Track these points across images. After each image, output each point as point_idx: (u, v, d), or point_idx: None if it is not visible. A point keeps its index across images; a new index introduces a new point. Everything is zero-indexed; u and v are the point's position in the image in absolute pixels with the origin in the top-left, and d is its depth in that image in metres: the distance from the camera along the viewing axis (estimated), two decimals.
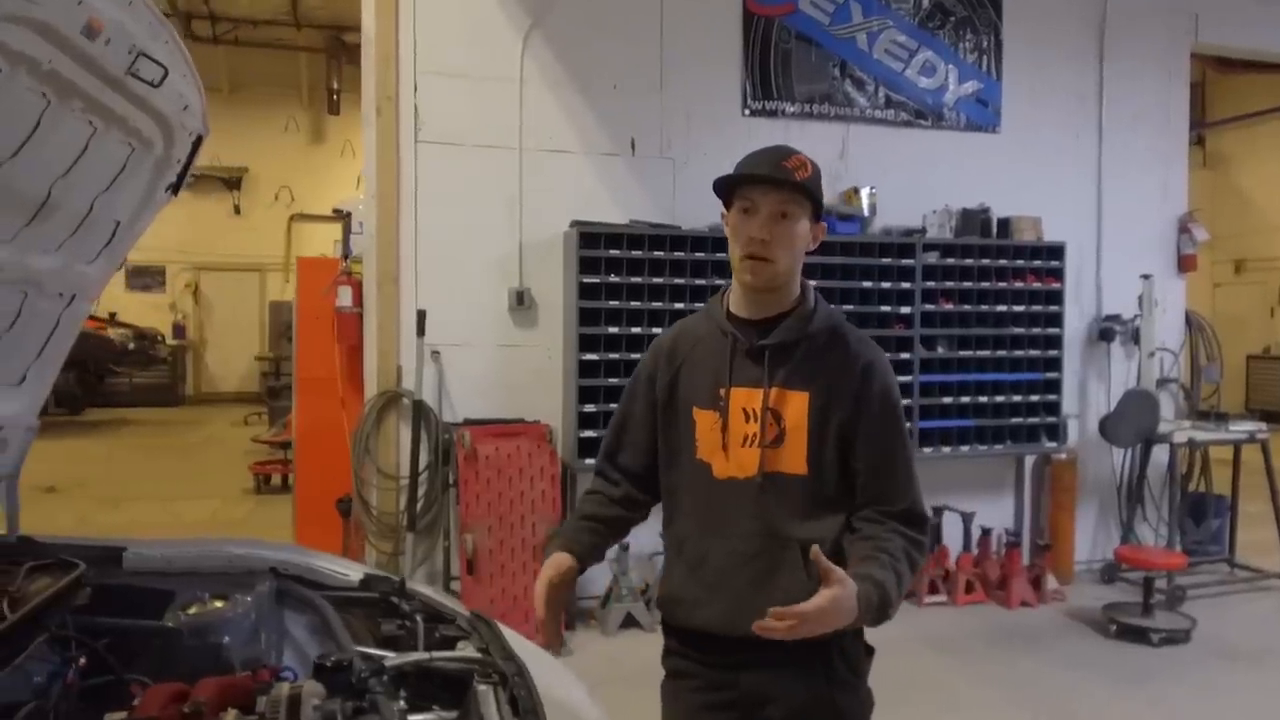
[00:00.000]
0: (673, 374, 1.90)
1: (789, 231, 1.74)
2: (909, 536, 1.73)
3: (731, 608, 1.77)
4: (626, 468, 1.98)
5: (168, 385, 15.28)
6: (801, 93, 5.47)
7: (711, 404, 1.82)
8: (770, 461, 1.77)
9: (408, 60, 4.85)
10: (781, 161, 1.74)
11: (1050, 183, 5.97)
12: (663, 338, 1.99)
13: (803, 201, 1.75)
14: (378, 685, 1.87)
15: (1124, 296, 6.06)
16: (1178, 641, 4.86)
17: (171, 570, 2.49)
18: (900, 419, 1.81)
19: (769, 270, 1.75)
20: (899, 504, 1.75)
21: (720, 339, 1.85)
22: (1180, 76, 6.31)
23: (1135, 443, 5.90)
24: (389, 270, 4.87)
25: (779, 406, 1.78)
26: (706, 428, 1.82)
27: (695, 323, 1.96)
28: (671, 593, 1.90)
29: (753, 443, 1.78)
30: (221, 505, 7.96)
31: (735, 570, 1.79)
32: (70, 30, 1.53)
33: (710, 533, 1.82)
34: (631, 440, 1.97)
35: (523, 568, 4.79)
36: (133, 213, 2.32)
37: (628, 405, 1.99)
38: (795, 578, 1.73)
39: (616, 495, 1.98)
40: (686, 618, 1.86)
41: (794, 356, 1.79)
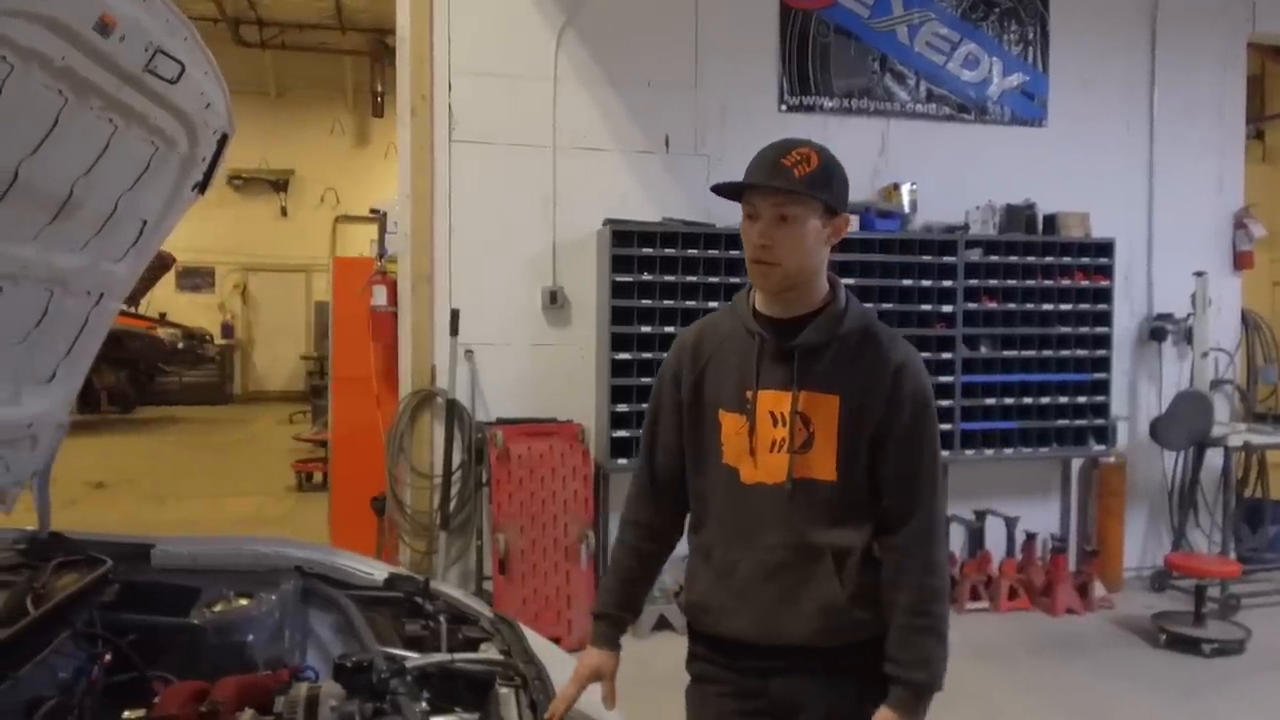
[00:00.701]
0: (698, 373, 1.83)
1: (793, 234, 1.66)
2: (933, 565, 1.71)
3: (761, 617, 1.75)
4: (664, 479, 1.92)
5: (216, 384, 15.58)
6: (840, 87, 5.38)
7: (737, 406, 1.76)
8: (800, 467, 1.72)
9: (442, 60, 4.86)
10: (780, 160, 1.65)
11: (1099, 177, 5.80)
12: (686, 334, 1.92)
13: (803, 200, 1.65)
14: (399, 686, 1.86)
15: (1176, 295, 5.87)
16: (1231, 653, 4.69)
17: (198, 568, 2.51)
18: (932, 423, 1.75)
19: (776, 273, 1.69)
20: (920, 518, 1.71)
21: (746, 339, 1.79)
22: (1236, 67, 6.08)
23: (1187, 446, 5.71)
24: (423, 270, 4.88)
25: (808, 410, 1.71)
26: (732, 431, 1.76)
27: (720, 319, 1.89)
28: (699, 600, 1.85)
29: (781, 448, 1.72)
30: (264, 502, 8.08)
31: (765, 580, 1.74)
32: (82, 26, 1.53)
33: (739, 540, 1.78)
34: (663, 442, 1.91)
35: (554, 568, 4.77)
36: (159, 211, 2.33)
37: (655, 408, 1.94)
38: (827, 588, 1.71)
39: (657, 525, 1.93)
40: (714, 625, 1.82)
41: (824, 358, 1.73)
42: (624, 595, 1.94)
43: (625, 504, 1.97)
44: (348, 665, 1.85)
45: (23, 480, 2.41)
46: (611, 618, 1.93)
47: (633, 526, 1.95)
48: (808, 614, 1.72)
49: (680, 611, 4.87)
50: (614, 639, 1.92)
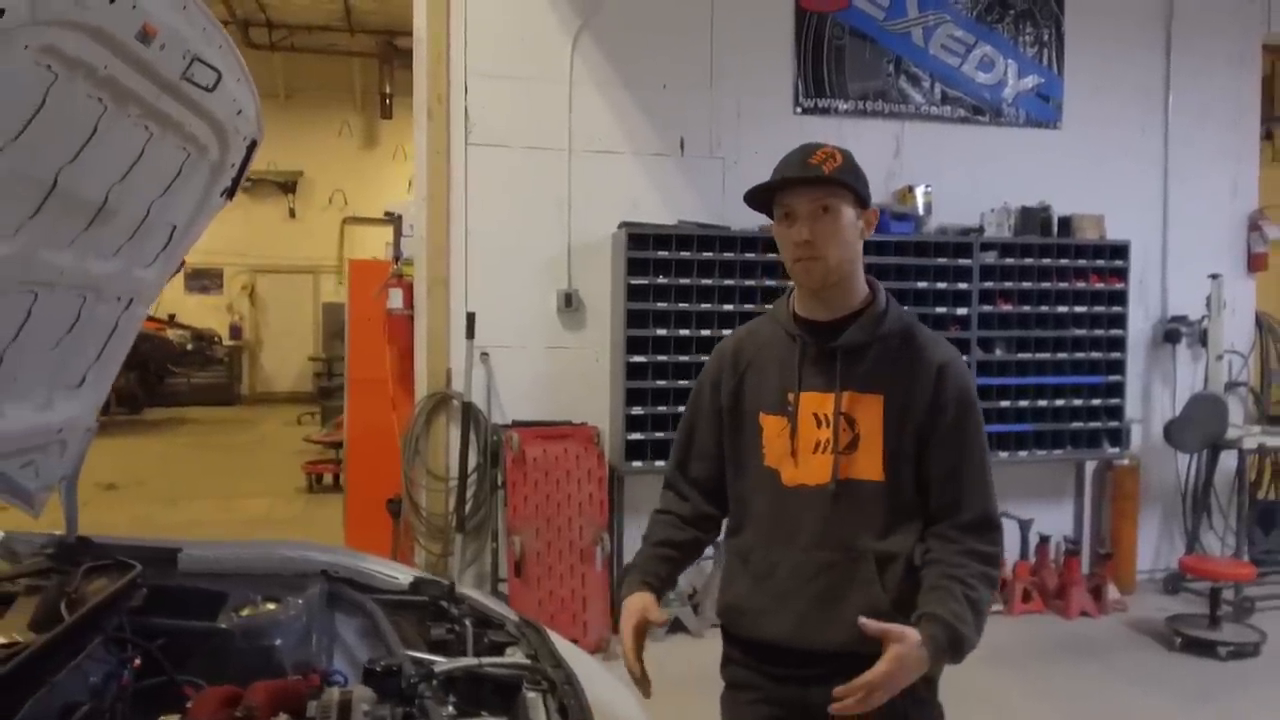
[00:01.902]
0: (737, 379, 1.85)
1: (833, 225, 1.70)
2: (981, 553, 1.68)
3: (801, 620, 1.74)
4: (697, 479, 1.93)
5: (224, 385, 15.61)
6: (855, 90, 5.38)
7: (779, 409, 1.77)
8: (845, 468, 1.71)
9: (458, 62, 4.86)
10: (807, 160, 1.70)
11: (1114, 180, 5.79)
12: (726, 342, 1.94)
13: (839, 192, 1.70)
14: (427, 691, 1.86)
15: (1191, 297, 5.86)
16: (1246, 655, 4.69)
17: (224, 572, 2.52)
18: (977, 422, 1.75)
19: (820, 267, 1.71)
20: (970, 513, 1.70)
21: (787, 342, 1.80)
22: (1252, 69, 6.07)
23: (1202, 448, 5.69)
24: (439, 273, 4.89)
25: (852, 411, 1.72)
26: (774, 434, 1.77)
27: (759, 326, 1.91)
28: (736, 603, 1.85)
29: (825, 449, 1.72)
30: (275, 503, 8.10)
31: (806, 582, 1.73)
32: (125, 35, 1.54)
33: (779, 543, 1.77)
34: (700, 450, 1.92)
35: (570, 570, 4.77)
36: (189, 217, 2.34)
37: (693, 414, 1.94)
38: (870, 591, 1.70)
39: (689, 514, 1.92)
40: (752, 628, 1.81)
41: (866, 358, 1.74)
42: (654, 561, 1.90)
43: (660, 503, 1.98)
44: (377, 670, 1.85)
45: (52, 485, 2.42)
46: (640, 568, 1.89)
47: (664, 514, 1.95)
48: (848, 619, 1.68)
49: (695, 615, 4.90)
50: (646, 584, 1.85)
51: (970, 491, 1.71)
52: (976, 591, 1.63)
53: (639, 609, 1.80)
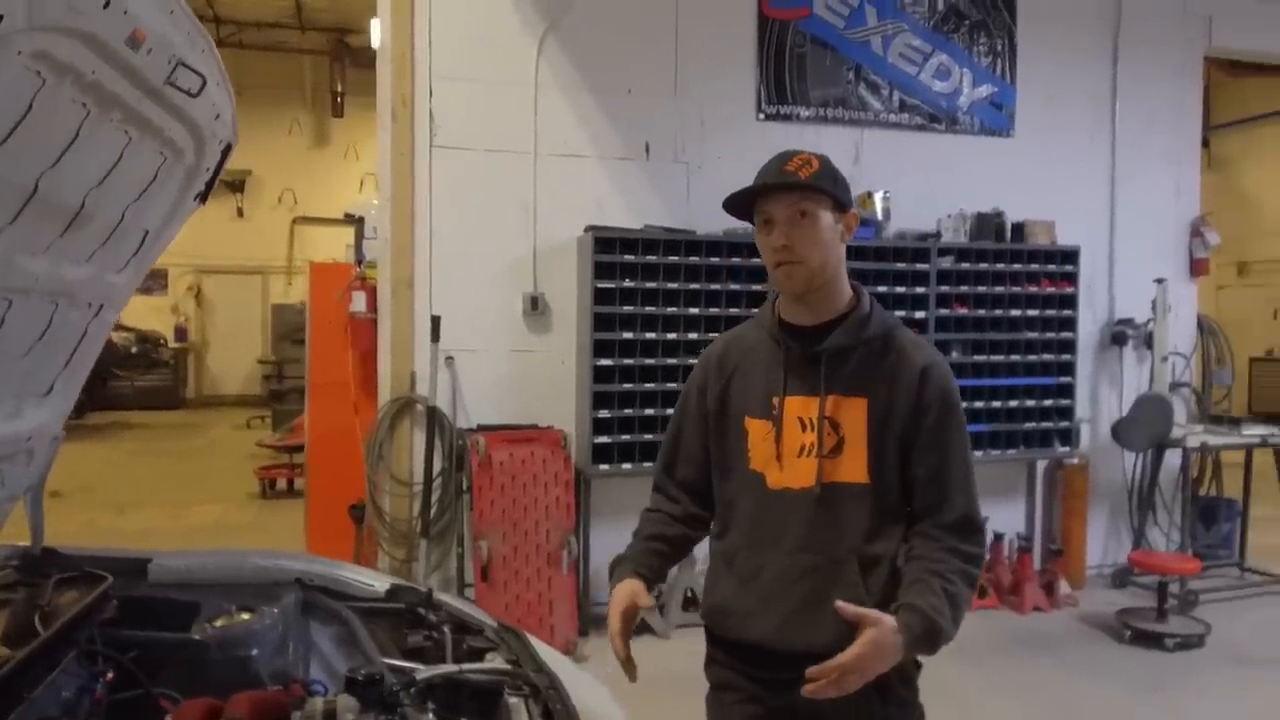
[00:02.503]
0: (723, 384, 1.86)
1: (811, 230, 1.71)
2: (963, 552, 1.69)
3: (785, 622, 1.74)
4: (684, 482, 1.94)
5: (170, 388, 15.24)
6: (816, 97, 5.46)
7: (764, 413, 1.79)
8: (829, 471, 1.73)
9: (423, 64, 4.83)
10: (784, 166, 1.72)
11: (1064, 186, 5.96)
12: (712, 348, 1.96)
13: (816, 197, 1.72)
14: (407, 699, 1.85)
15: (1136, 300, 6.05)
16: (1192, 647, 4.85)
17: (196, 582, 2.48)
18: (959, 423, 1.76)
19: (802, 271, 1.73)
20: (952, 513, 1.71)
21: (772, 347, 1.82)
22: (1194, 79, 6.30)
23: (1148, 447, 5.89)
24: (403, 275, 4.85)
25: (836, 414, 1.74)
26: (759, 438, 1.78)
27: (745, 331, 1.93)
28: (721, 604, 1.85)
29: (809, 453, 1.74)
30: (227, 510, 7.93)
31: (791, 585, 1.74)
32: (115, 41, 1.51)
33: (764, 546, 1.79)
34: (686, 454, 1.93)
35: (537, 574, 4.77)
36: (162, 222, 2.31)
37: (680, 418, 1.96)
38: (854, 594, 1.69)
39: (678, 513, 1.93)
40: (737, 630, 1.82)
41: (850, 362, 1.75)
42: (645, 554, 1.89)
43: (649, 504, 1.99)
44: (359, 678, 1.84)
45: (17, 495, 2.36)
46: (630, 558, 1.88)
47: (654, 512, 1.95)
48: (832, 621, 1.67)
49: (659, 616, 4.92)
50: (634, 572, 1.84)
51: (953, 493, 1.72)
52: (955, 586, 1.65)
53: (628, 594, 1.79)
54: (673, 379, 4.91)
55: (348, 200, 15.78)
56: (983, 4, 5.79)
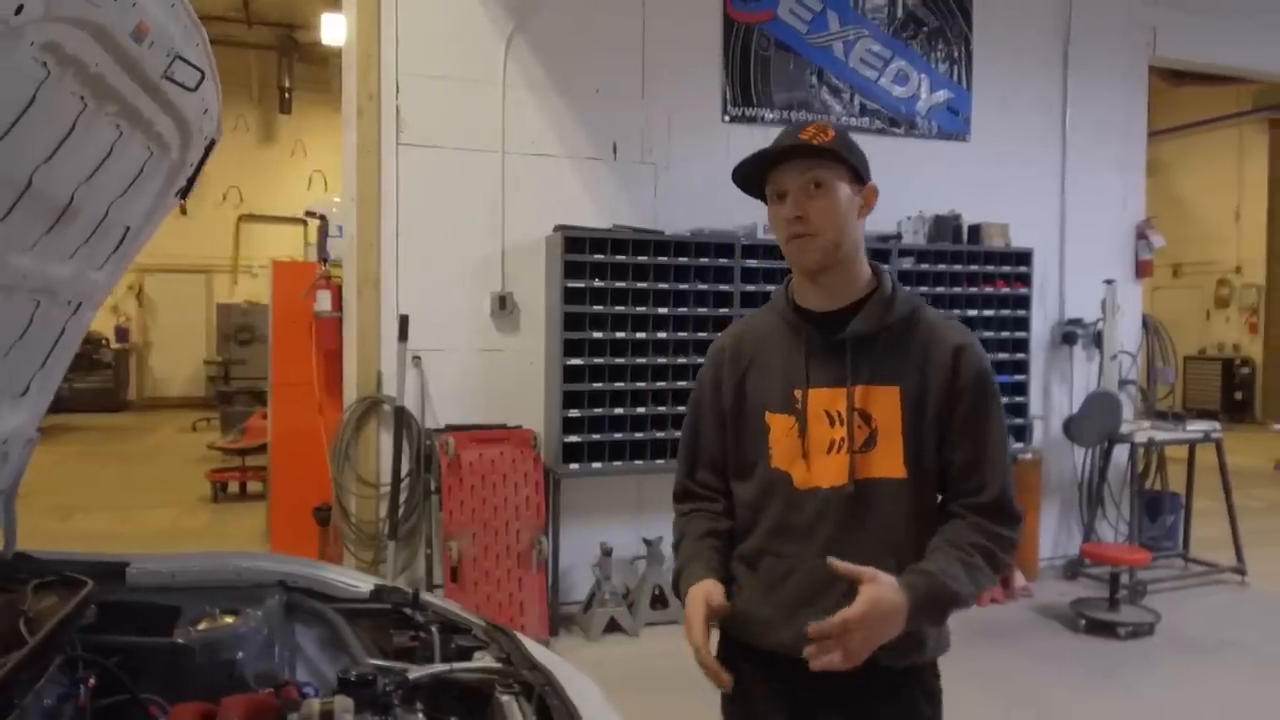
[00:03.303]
0: (739, 378, 1.73)
1: (826, 200, 1.59)
2: (990, 530, 1.58)
3: None
4: (707, 486, 1.81)
5: (110, 390, 14.81)
6: (780, 100, 5.53)
7: (786, 408, 1.65)
8: (863, 467, 1.60)
9: (389, 61, 4.78)
10: (798, 134, 1.61)
11: (1017, 190, 6.13)
12: (723, 339, 1.82)
13: (831, 165, 1.59)
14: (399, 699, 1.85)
15: (1085, 301, 6.25)
16: (1143, 635, 5.02)
17: (176, 585, 2.44)
18: (995, 403, 1.64)
19: (816, 244, 1.60)
20: (985, 495, 1.60)
21: (789, 335, 1.69)
22: (1140, 87, 6.53)
23: (1099, 442, 6.08)
24: (369, 274, 4.79)
25: (867, 405, 1.61)
26: (781, 434, 1.65)
27: (757, 319, 1.79)
28: (743, 610, 1.69)
29: (839, 448, 1.61)
30: (178, 514, 7.74)
31: (822, 590, 1.58)
32: (121, 33, 1.49)
33: (791, 549, 1.65)
34: (708, 456, 1.80)
35: (507, 574, 4.76)
36: (143, 218, 2.27)
37: (695, 419, 1.82)
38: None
39: (720, 509, 1.79)
40: (761, 639, 1.68)
41: (877, 348, 1.62)
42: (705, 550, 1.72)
43: (674, 523, 1.86)
44: (352, 679, 1.83)
45: None
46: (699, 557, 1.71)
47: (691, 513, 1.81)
48: None
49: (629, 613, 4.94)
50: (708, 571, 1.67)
51: (988, 478, 1.60)
52: (973, 558, 1.54)
53: (703, 597, 1.61)
54: (642, 378, 4.93)
55: (296, 198, 15.54)
56: (940, 11, 5.93)
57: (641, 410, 4.92)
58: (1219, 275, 15.61)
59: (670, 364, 4.97)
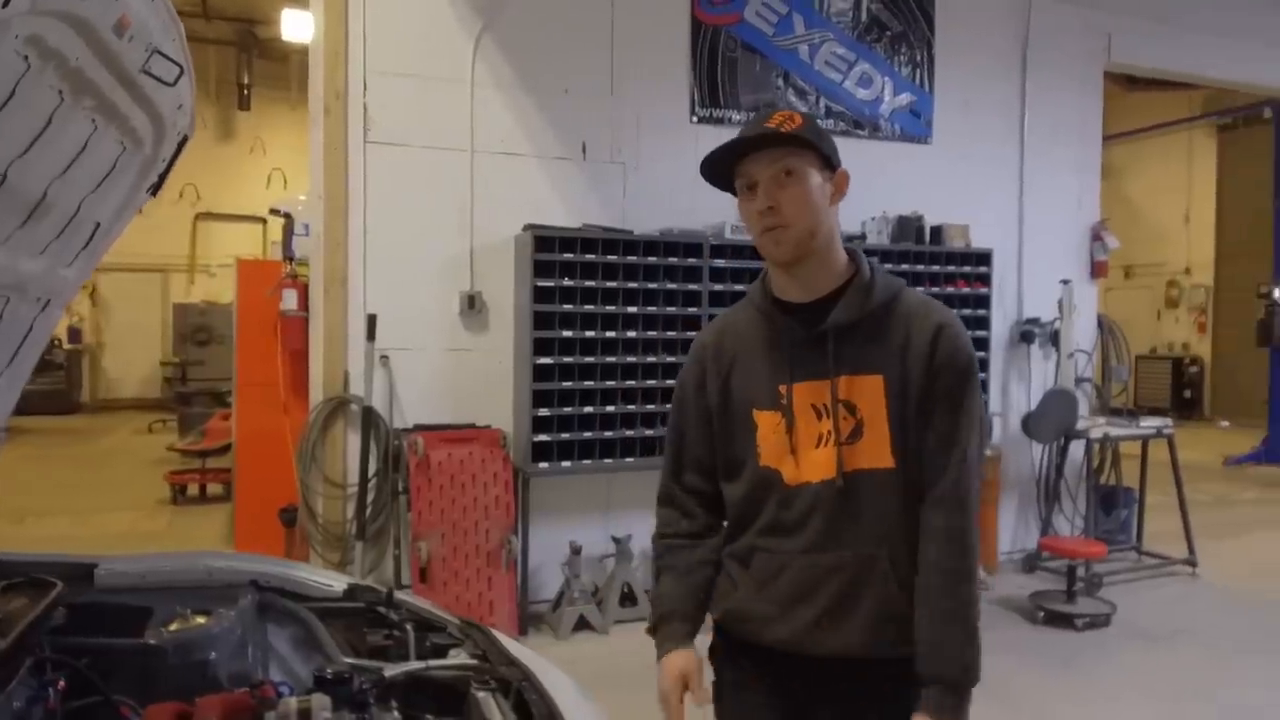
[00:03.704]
0: (723, 376, 1.70)
1: (798, 189, 1.56)
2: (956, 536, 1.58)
3: (810, 627, 1.61)
4: (694, 488, 1.78)
5: (63, 391, 14.46)
6: (747, 101, 5.59)
7: (772, 404, 1.63)
8: (851, 459, 1.58)
9: (357, 59, 4.74)
10: (765, 123, 1.59)
11: (977, 191, 6.25)
12: (704, 337, 1.78)
13: (801, 153, 1.57)
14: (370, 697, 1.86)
15: (1043, 300, 6.39)
16: (1100, 625, 5.15)
17: (146, 586, 2.42)
18: (972, 388, 1.61)
19: (790, 235, 1.57)
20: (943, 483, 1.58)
21: (770, 329, 1.66)
22: (1095, 92, 6.70)
23: (1056, 439, 6.23)
24: (337, 273, 4.76)
25: (851, 396, 1.58)
26: (769, 430, 1.63)
27: (737, 314, 1.76)
28: (737, 609, 1.70)
29: (827, 442, 1.59)
30: (137, 517, 7.60)
31: (817, 586, 1.60)
32: (103, 27, 1.48)
33: (783, 545, 1.63)
34: (693, 457, 1.77)
35: (477, 574, 4.75)
36: (114, 214, 2.24)
37: (679, 420, 1.78)
38: (885, 592, 1.58)
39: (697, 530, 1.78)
40: (757, 635, 1.68)
41: (859, 336, 1.60)
42: (685, 591, 1.74)
43: (658, 523, 1.84)
44: (328, 677, 1.84)
45: None
46: (680, 613, 1.73)
47: (670, 538, 1.80)
48: (862, 623, 1.58)
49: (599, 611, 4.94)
50: (689, 634, 1.71)
51: (953, 458, 1.58)
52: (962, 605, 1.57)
53: (679, 671, 1.66)
54: (612, 377, 4.95)
55: (255, 196, 15.33)
56: (903, 16, 6.03)
57: (611, 409, 4.94)
58: (1169, 276, 16.04)
59: (640, 363, 5.00)
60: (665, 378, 4.99)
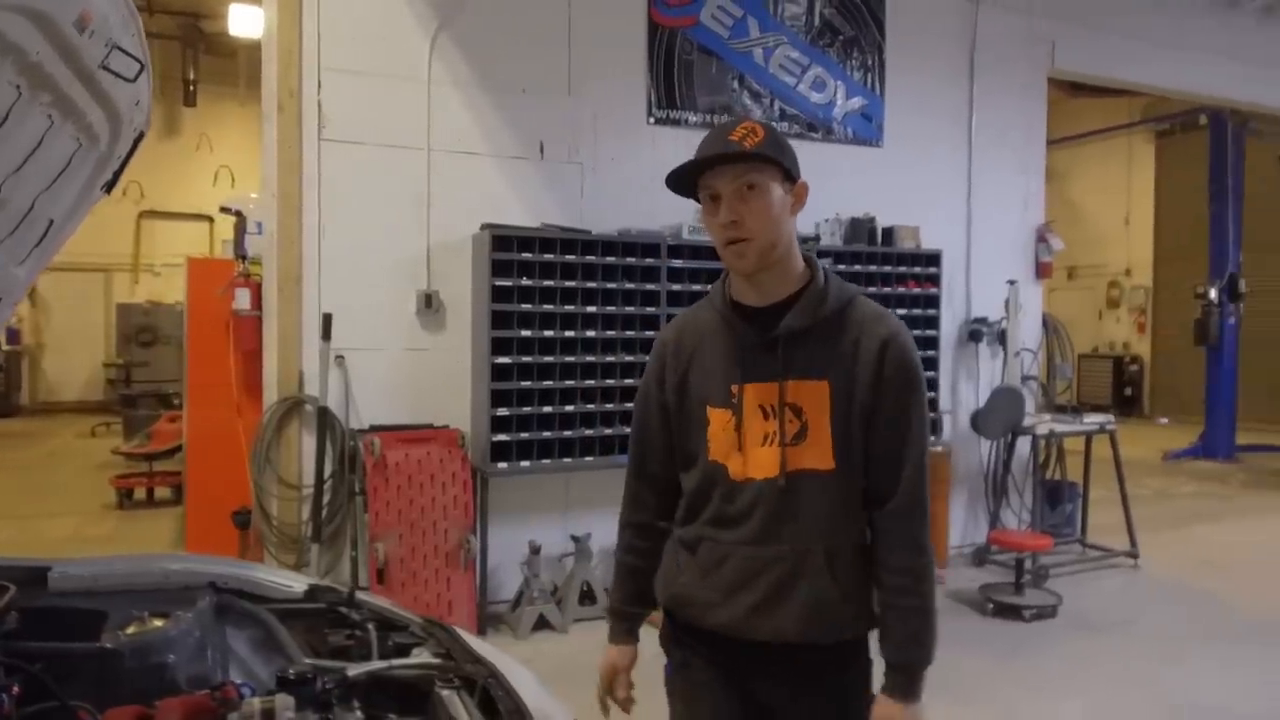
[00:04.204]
0: (681, 373, 1.79)
1: (760, 202, 1.63)
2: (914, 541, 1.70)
3: (749, 613, 1.71)
4: (656, 477, 1.89)
5: (1, 394, 14.04)
6: (703, 103, 5.64)
7: (724, 402, 1.71)
8: (793, 460, 1.67)
9: (311, 55, 4.69)
10: (728, 136, 1.64)
11: (927, 194, 6.38)
12: (665, 335, 1.87)
13: (763, 168, 1.63)
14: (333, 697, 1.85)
15: (990, 300, 6.55)
16: (1047, 616, 5.29)
17: (101, 589, 2.38)
18: (919, 399, 1.70)
19: (752, 248, 1.64)
20: (899, 496, 1.68)
21: (728, 331, 1.74)
22: (1039, 98, 6.88)
23: (1003, 435, 6.39)
24: (291, 271, 4.70)
25: (798, 399, 1.67)
26: (719, 427, 1.72)
27: (698, 314, 1.84)
28: (683, 593, 1.81)
29: (772, 441, 1.67)
30: (82, 523, 7.41)
31: (755, 576, 1.70)
32: (64, 22, 1.47)
33: (727, 537, 1.73)
34: (654, 449, 1.87)
35: (435, 575, 4.73)
36: (67, 211, 2.21)
37: (643, 412, 1.88)
38: (821, 583, 1.68)
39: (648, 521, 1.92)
40: (700, 619, 1.79)
41: (809, 342, 1.67)
42: (633, 590, 1.94)
43: (622, 507, 1.96)
44: (291, 678, 1.83)
45: None
46: (623, 613, 1.95)
47: (631, 528, 1.94)
48: (796, 612, 1.68)
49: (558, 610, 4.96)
50: (631, 633, 1.95)
51: (905, 470, 1.68)
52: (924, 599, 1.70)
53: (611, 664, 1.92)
54: (570, 376, 4.97)
55: (201, 194, 15.01)
56: (855, 21, 6.14)
57: (570, 408, 4.95)
58: (1110, 277, 16.50)
59: (599, 362, 5.02)
60: (624, 377, 5.02)
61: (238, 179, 14.71)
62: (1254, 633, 5.06)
